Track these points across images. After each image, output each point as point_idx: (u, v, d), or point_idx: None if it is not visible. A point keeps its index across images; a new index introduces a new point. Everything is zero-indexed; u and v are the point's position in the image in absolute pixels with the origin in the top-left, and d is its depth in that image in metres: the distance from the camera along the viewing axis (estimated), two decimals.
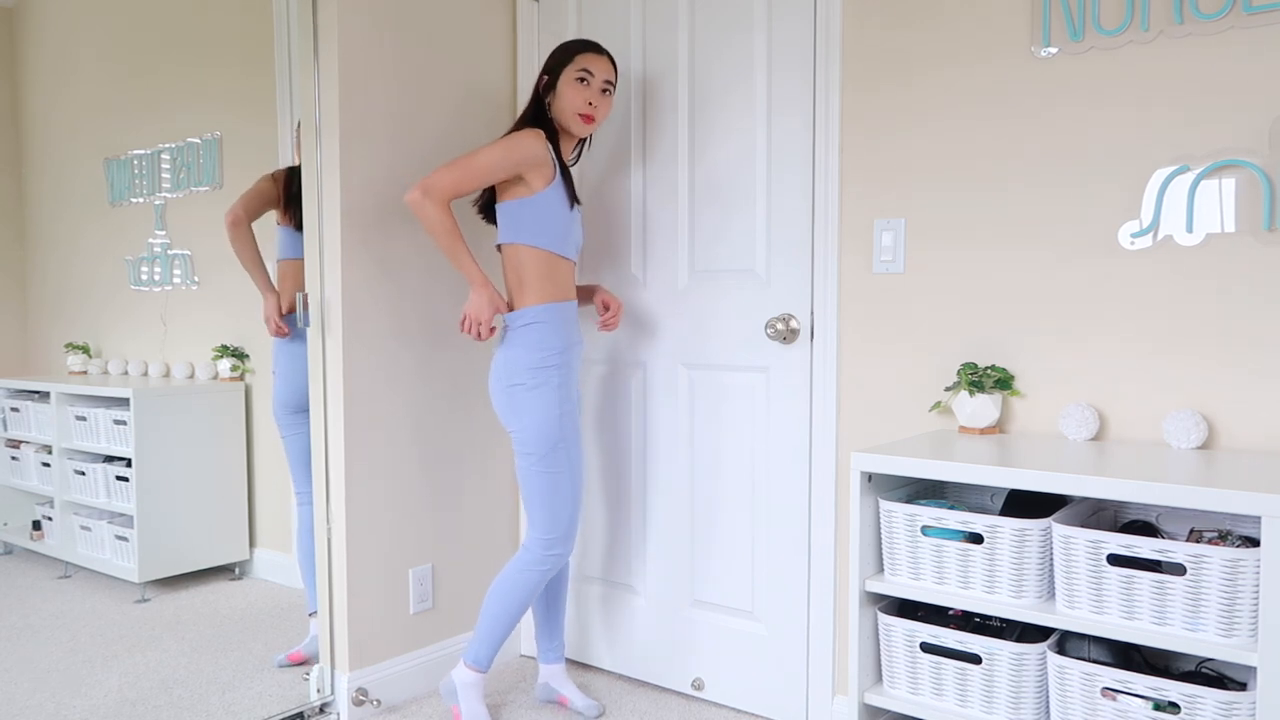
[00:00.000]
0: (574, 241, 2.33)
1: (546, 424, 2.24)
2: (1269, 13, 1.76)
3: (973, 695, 1.78)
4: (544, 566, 2.30)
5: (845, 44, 2.26)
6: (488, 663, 2.36)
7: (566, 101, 2.29)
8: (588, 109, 2.29)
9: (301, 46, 2.42)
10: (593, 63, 2.31)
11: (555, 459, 2.26)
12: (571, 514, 2.30)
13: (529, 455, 2.26)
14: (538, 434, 2.24)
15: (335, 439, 2.43)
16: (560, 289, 2.28)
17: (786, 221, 2.37)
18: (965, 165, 2.11)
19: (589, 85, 2.29)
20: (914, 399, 2.21)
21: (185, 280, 3.47)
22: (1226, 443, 1.84)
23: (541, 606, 2.54)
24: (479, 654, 2.34)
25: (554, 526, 2.27)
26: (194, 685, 2.63)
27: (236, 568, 3.47)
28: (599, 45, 2.35)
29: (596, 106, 2.30)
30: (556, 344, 2.25)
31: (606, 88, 2.33)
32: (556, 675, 2.55)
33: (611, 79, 2.34)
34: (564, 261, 2.29)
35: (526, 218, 2.24)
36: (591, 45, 2.33)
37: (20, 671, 2.74)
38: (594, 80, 2.30)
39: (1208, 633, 1.52)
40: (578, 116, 2.29)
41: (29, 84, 4.22)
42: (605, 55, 2.34)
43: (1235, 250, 1.81)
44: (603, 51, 2.34)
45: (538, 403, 2.24)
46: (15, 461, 3.89)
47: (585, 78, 2.29)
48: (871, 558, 1.90)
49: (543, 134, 2.26)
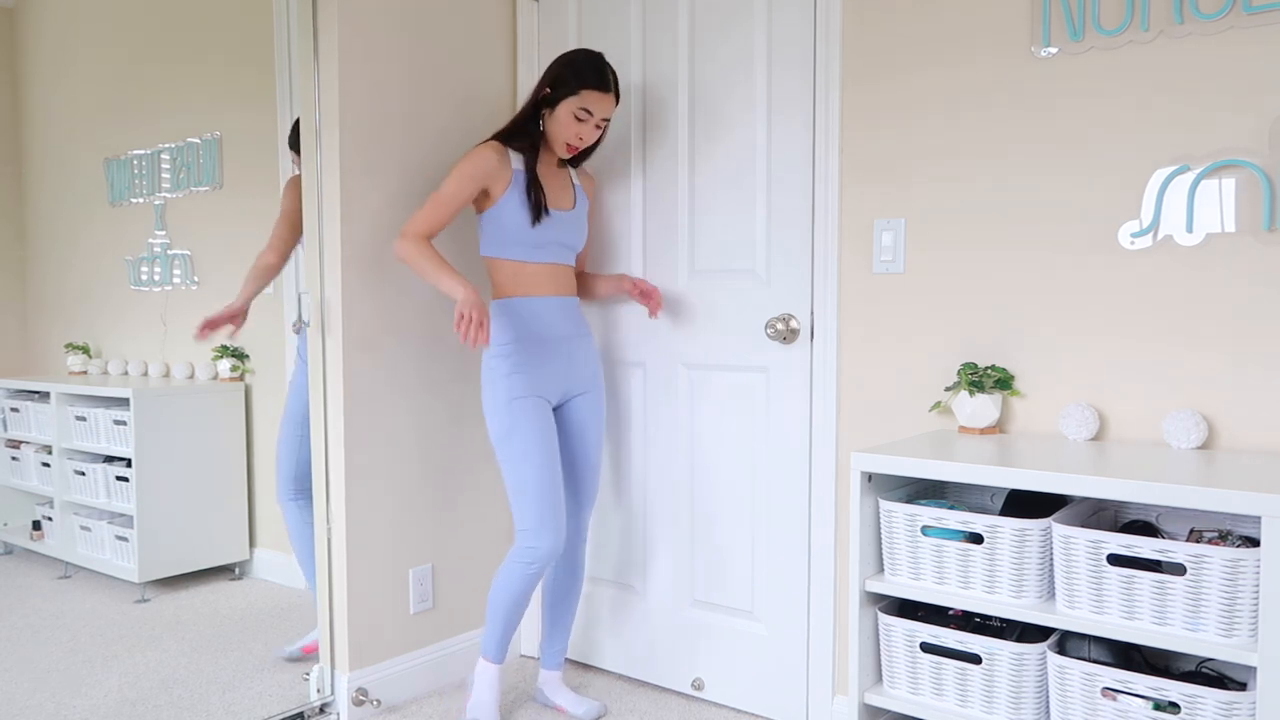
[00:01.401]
0: (552, 244, 2.35)
1: (495, 413, 2.30)
2: (1269, 13, 1.76)
3: (973, 695, 1.78)
4: (523, 559, 2.30)
5: (845, 43, 2.26)
6: (495, 653, 2.38)
7: (560, 127, 2.31)
8: (578, 142, 2.33)
9: (301, 46, 2.42)
10: (596, 103, 2.29)
11: (510, 448, 2.29)
12: (537, 507, 2.28)
13: (494, 446, 2.34)
14: (491, 423, 2.32)
15: (335, 439, 2.43)
16: (522, 288, 2.33)
17: (786, 221, 2.37)
18: (965, 165, 2.11)
19: (585, 124, 2.31)
20: (914, 399, 2.21)
21: (185, 280, 3.47)
22: (1226, 443, 1.84)
23: (546, 608, 2.55)
24: (485, 644, 2.39)
25: (522, 518, 2.29)
26: (194, 685, 2.63)
27: (236, 568, 3.47)
28: (607, 80, 2.31)
29: (588, 139, 2.35)
30: (505, 336, 2.31)
31: (602, 124, 2.34)
32: (550, 683, 2.55)
33: (610, 115, 2.35)
34: (530, 266, 2.33)
35: (490, 229, 2.33)
36: (601, 81, 2.29)
37: (20, 671, 2.74)
38: (591, 119, 2.31)
39: (1208, 633, 1.52)
40: (565, 145, 2.33)
41: (29, 84, 4.22)
42: (611, 93, 2.32)
43: (1235, 250, 1.81)
44: (609, 89, 2.31)
45: (487, 392, 2.32)
46: (15, 461, 3.89)
47: (584, 116, 2.30)
48: (871, 558, 1.90)
49: (499, 144, 2.31)
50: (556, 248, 2.37)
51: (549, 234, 2.34)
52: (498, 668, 2.41)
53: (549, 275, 2.36)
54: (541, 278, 2.35)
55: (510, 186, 2.30)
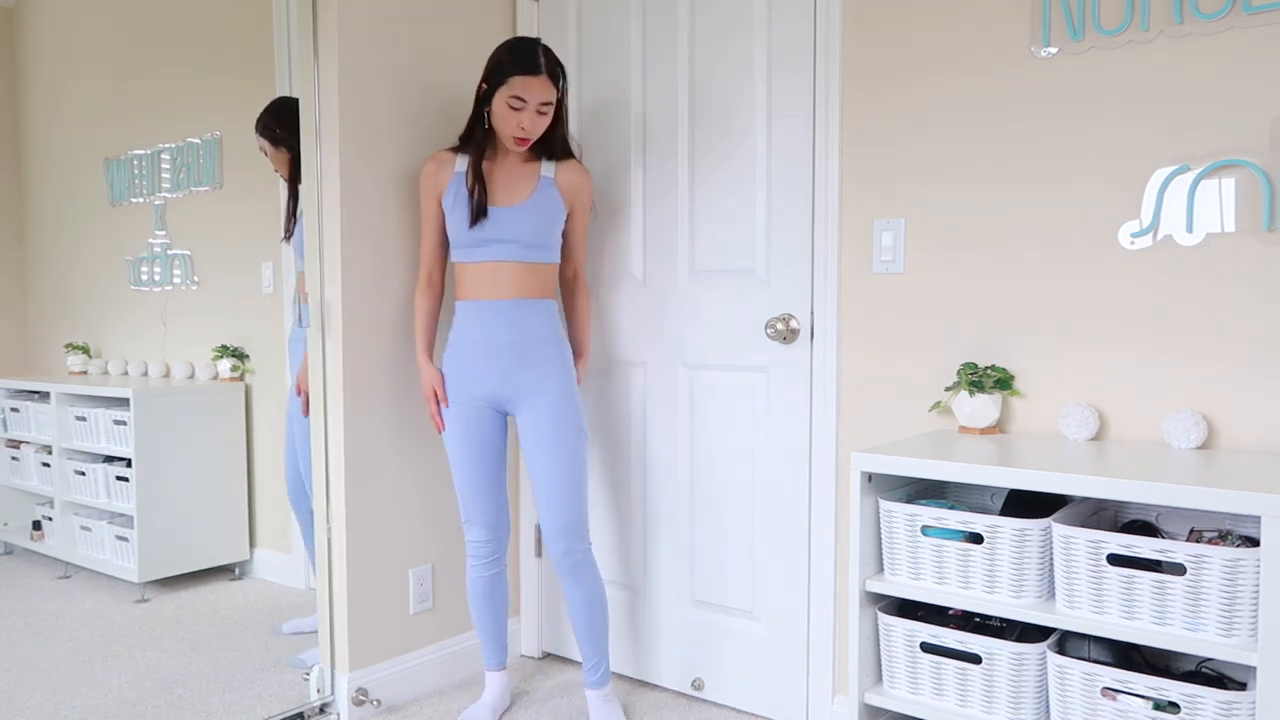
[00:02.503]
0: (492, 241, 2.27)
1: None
2: (1269, 13, 1.76)
3: (973, 695, 1.78)
4: (469, 556, 2.42)
5: (845, 42, 2.26)
6: (485, 658, 2.48)
7: (500, 121, 2.25)
8: (521, 132, 2.25)
9: (301, 47, 2.42)
10: (526, 89, 2.20)
11: (448, 452, 2.39)
12: (464, 504, 2.39)
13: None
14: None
15: (335, 439, 2.43)
16: (463, 290, 2.34)
17: (786, 221, 2.37)
18: (965, 165, 2.11)
19: (521, 112, 2.22)
20: (914, 399, 2.21)
21: (185, 280, 3.47)
22: (1226, 443, 1.84)
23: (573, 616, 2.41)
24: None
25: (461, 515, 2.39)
26: (194, 685, 2.63)
27: (236, 568, 3.47)
28: (535, 62, 2.21)
29: (531, 127, 2.24)
30: (448, 341, 2.38)
31: (543, 109, 2.24)
32: (590, 700, 2.42)
33: (550, 99, 2.23)
34: (470, 267, 2.31)
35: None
36: (527, 66, 2.20)
37: (20, 671, 2.74)
38: (527, 106, 2.22)
39: (1208, 633, 1.52)
40: (512, 139, 2.26)
41: (29, 84, 4.21)
42: (540, 75, 2.21)
43: (1235, 250, 1.81)
44: (537, 70, 2.20)
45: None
46: (15, 461, 3.89)
47: (517, 104, 2.21)
48: (871, 558, 1.90)
49: (444, 152, 2.34)
50: (498, 245, 2.27)
51: (490, 231, 2.27)
52: (492, 674, 2.47)
53: (488, 276, 2.28)
54: (480, 279, 2.29)
55: (448, 190, 2.31)
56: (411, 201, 2.54)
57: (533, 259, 2.30)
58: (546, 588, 2.91)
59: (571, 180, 2.36)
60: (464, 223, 2.28)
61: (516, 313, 2.29)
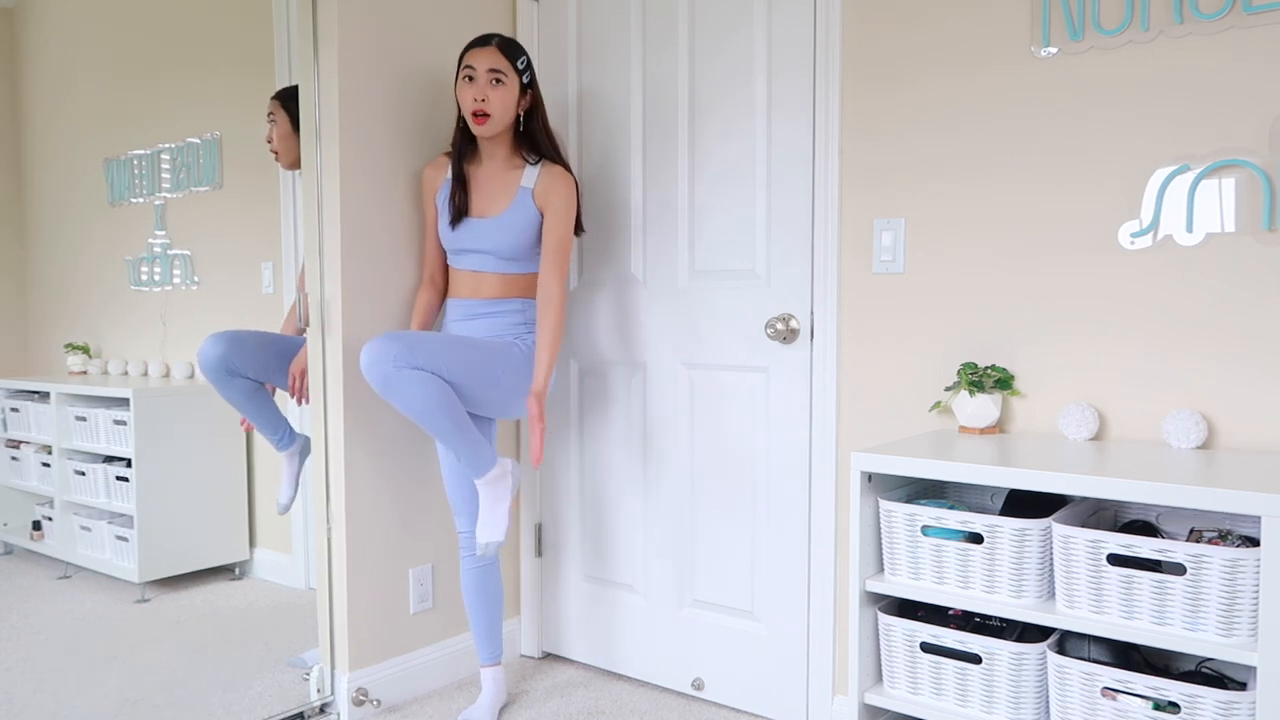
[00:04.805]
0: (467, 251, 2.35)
1: None
2: (1269, 13, 1.76)
3: (973, 695, 1.78)
4: (461, 548, 2.44)
5: (845, 42, 2.26)
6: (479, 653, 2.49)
7: (462, 106, 2.29)
8: (478, 105, 2.23)
9: (301, 47, 2.42)
10: (474, 57, 2.25)
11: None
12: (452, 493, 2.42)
13: None
14: None
15: (335, 439, 2.43)
16: (453, 290, 2.43)
17: (786, 221, 2.37)
18: (965, 164, 2.11)
19: (475, 82, 2.24)
20: (914, 399, 2.21)
21: (185, 280, 3.47)
22: (1226, 442, 1.84)
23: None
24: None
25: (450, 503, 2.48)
26: (194, 685, 2.63)
27: (236, 568, 3.47)
28: (484, 37, 2.29)
29: (487, 101, 2.23)
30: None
31: (497, 78, 2.23)
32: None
33: (500, 66, 2.24)
34: (453, 271, 2.42)
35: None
36: (475, 42, 2.28)
37: (20, 671, 2.74)
38: (479, 74, 2.23)
39: (1208, 633, 1.52)
40: (472, 117, 2.26)
41: (29, 84, 4.21)
42: (489, 45, 2.25)
43: (1235, 250, 1.81)
44: (487, 41, 2.26)
45: None
46: (15, 461, 3.89)
47: (470, 74, 2.24)
48: (871, 558, 1.90)
49: (442, 156, 2.43)
50: (475, 255, 2.36)
51: (468, 242, 2.35)
52: (487, 670, 2.47)
53: (470, 282, 2.40)
54: (462, 284, 2.41)
55: (439, 194, 2.42)
56: (411, 200, 2.54)
57: (509, 270, 2.38)
58: (546, 588, 2.91)
59: (544, 185, 2.33)
60: (447, 226, 2.38)
61: (490, 310, 2.39)
